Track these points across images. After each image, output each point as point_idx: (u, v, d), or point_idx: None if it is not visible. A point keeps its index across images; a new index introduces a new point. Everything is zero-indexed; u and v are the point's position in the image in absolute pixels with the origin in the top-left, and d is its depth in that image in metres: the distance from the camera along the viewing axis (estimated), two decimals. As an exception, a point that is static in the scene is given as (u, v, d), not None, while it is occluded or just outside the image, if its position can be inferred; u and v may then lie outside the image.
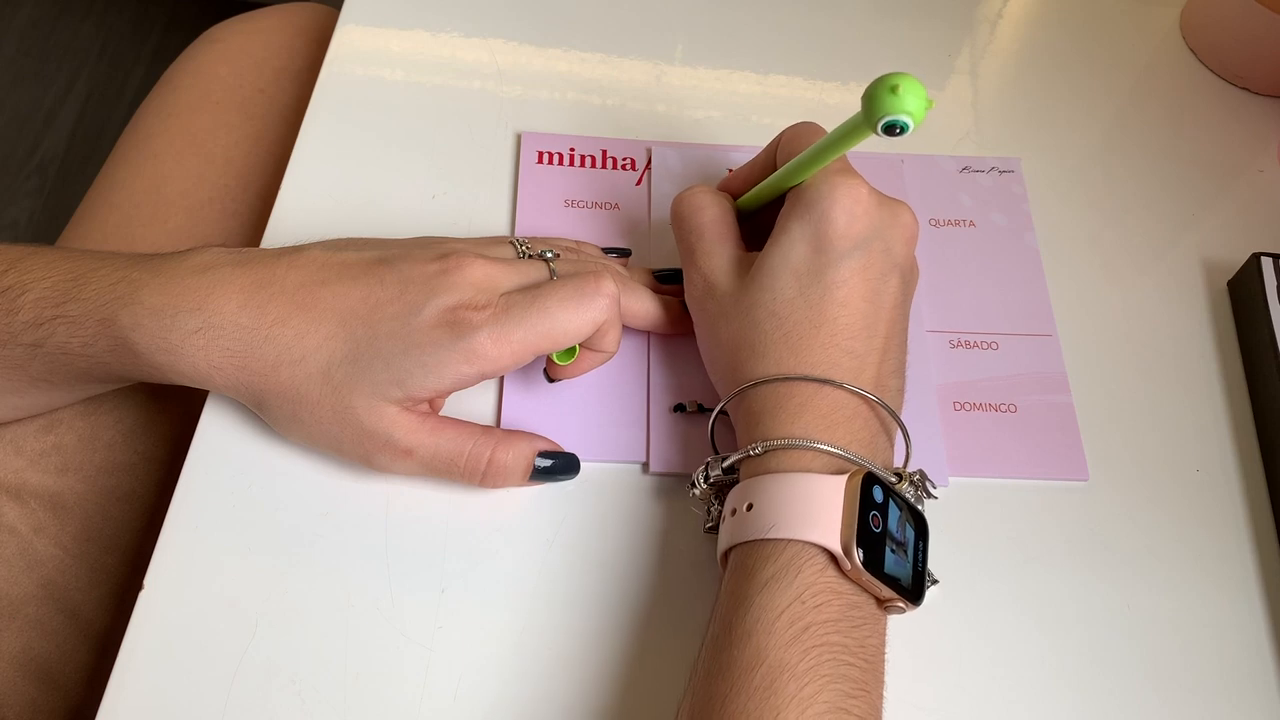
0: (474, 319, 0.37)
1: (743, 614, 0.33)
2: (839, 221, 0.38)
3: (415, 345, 0.37)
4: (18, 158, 1.34)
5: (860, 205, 0.38)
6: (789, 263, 0.38)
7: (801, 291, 0.38)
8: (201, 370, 0.38)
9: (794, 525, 0.34)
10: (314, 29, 0.63)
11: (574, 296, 0.39)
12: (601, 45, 0.56)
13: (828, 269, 0.38)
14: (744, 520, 0.35)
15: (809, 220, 0.38)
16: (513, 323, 0.38)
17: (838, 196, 0.38)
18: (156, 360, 0.38)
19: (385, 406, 0.38)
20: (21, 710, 0.44)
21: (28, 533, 0.46)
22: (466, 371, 0.38)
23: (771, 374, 0.37)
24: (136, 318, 0.37)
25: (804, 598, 0.33)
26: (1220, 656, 0.41)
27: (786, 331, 0.38)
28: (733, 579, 0.35)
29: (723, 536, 0.37)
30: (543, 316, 0.38)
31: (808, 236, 0.38)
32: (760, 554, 0.34)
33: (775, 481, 0.35)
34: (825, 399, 0.37)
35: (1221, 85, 0.58)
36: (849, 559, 0.33)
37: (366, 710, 0.37)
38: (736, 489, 0.37)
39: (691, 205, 0.42)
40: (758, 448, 0.36)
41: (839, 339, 0.38)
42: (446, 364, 0.37)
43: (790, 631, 0.32)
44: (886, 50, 0.57)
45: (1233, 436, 0.46)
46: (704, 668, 0.34)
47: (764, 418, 0.37)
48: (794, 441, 0.36)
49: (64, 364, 0.39)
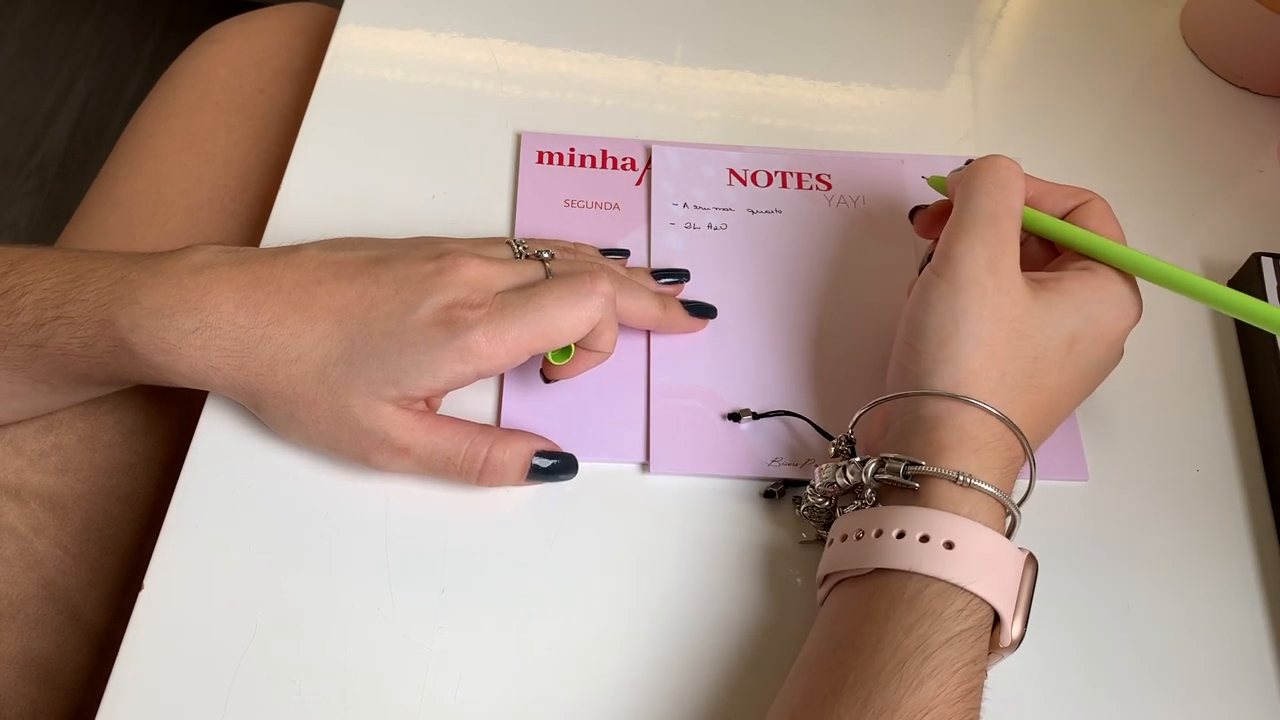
0: (469, 317, 0.37)
1: (922, 659, 0.32)
2: (1122, 326, 0.40)
3: (410, 344, 0.37)
4: (18, 158, 1.34)
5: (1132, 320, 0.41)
6: (1079, 329, 0.39)
7: (1062, 360, 0.39)
8: (199, 370, 0.38)
9: (995, 589, 0.34)
10: (314, 29, 0.63)
11: (569, 295, 0.39)
12: (601, 45, 0.56)
13: (1096, 363, 0.40)
14: (935, 554, 0.34)
15: (1124, 308, 0.40)
16: (508, 321, 0.38)
17: (1134, 311, 0.40)
18: (154, 360, 0.38)
19: (381, 405, 0.38)
20: (21, 710, 0.44)
21: (28, 533, 0.46)
22: (462, 370, 0.38)
23: (998, 407, 0.37)
24: (134, 318, 0.37)
25: (977, 660, 0.33)
26: (1220, 656, 0.41)
27: (1030, 381, 0.38)
28: (906, 611, 0.34)
29: (886, 552, 0.35)
30: (538, 315, 0.38)
31: (1111, 318, 0.39)
32: (952, 601, 0.33)
33: (978, 532, 0.34)
34: (1012, 449, 0.37)
35: (1221, 85, 0.58)
36: (1015, 642, 0.34)
37: (366, 710, 0.37)
38: (912, 510, 0.35)
39: (1013, 182, 0.40)
40: (967, 479, 0.35)
41: (1055, 415, 0.39)
42: (441, 362, 0.37)
43: (960, 690, 0.32)
44: (886, 50, 0.57)
45: (1233, 436, 0.46)
46: (853, 691, 0.33)
47: (952, 437, 0.37)
48: (999, 494, 0.36)
49: (64, 365, 0.39)
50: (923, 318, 0.39)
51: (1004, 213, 0.39)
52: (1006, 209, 0.39)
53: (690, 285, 0.47)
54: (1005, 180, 0.39)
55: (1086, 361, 0.39)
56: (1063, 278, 0.40)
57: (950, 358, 0.38)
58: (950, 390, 0.37)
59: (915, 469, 0.36)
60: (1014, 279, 0.38)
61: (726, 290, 0.47)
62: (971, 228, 0.39)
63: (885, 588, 0.34)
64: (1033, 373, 0.38)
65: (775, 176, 0.51)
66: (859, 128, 0.54)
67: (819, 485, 0.39)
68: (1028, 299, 0.38)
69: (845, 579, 0.36)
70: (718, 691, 0.38)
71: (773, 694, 0.36)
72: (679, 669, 0.39)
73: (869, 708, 0.32)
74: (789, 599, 0.40)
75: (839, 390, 0.45)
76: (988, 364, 0.37)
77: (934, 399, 0.37)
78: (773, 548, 0.41)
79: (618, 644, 0.39)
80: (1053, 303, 0.38)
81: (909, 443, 0.37)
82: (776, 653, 0.39)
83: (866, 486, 0.38)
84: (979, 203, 0.39)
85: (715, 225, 0.49)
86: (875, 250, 0.49)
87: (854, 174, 0.51)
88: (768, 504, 0.42)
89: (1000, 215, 0.39)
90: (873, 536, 0.35)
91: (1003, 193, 0.39)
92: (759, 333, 0.46)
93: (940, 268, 0.39)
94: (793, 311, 0.47)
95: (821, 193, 0.51)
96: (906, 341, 0.39)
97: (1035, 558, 0.36)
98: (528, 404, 0.44)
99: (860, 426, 0.41)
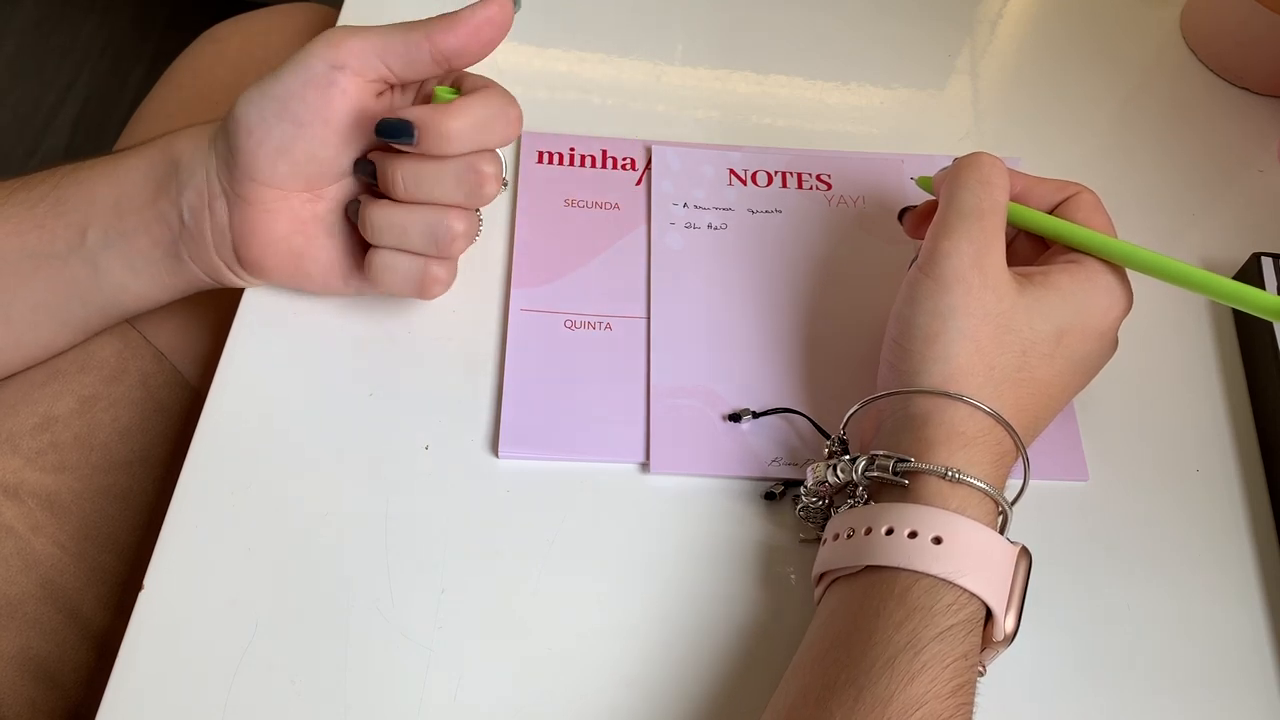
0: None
1: (912, 654, 0.32)
2: (1111, 317, 0.40)
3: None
4: (18, 158, 1.34)
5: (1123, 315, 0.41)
6: (1066, 321, 0.39)
7: (1051, 353, 0.39)
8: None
9: (984, 583, 0.34)
10: (314, 29, 0.63)
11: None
12: (601, 45, 0.56)
13: (1088, 356, 0.40)
14: (923, 549, 0.34)
15: (1112, 299, 0.40)
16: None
17: (1123, 301, 0.40)
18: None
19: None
20: (21, 710, 0.44)
21: (25, 532, 0.46)
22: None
23: (986, 403, 0.37)
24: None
25: (968, 655, 0.33)
26: (1220, 656, 0.41)
27: (1019, 375, 0.38)
28: (896, 606, 0.34)
29: (876, 549, 0.35)
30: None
31: (1100, 310, 0.39)
32: (941, 596, 0.33)
33: (966, 526, 0.34)
34: (1002, 444, 0.37)
35: (1221, 85, 0.58)
36: (1009, 636, 0.34)
37: (366, 710, 0.37)
38: (901, 507, 0.35)
39: (997, 178, 0.40)
40: (955, 474, 0.35)
41: (1048, 409, 0.39)
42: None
43: (951, 685, 0.32)
44: (886, 50, 0.57)
45: (1233, 436, 0.46)
46: (845, 688, 0.33)
47: (941, 433, 0.37)
48: (989, 488, 0.36)
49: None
50: (910, 316, 0.39)
51: (988, 209, 0.39)
52: (990, 205, 0.39)
53: (691, 285, 0.47)
54: (988, 176, 0.40)
55: (1076, 354, 0.39)
56: (1050, 271, 0.40)
57: (938, 355, 0.38)
58: (939, 387, 0.37)
59: (904, 466, 0.36)
60: (1000, 274, 0.38)
61: (726, 290, 0.47)
62: (956, 225, 0.39)
63: (876, 585, 0.35)
64: (1021, 367, 0.38)
65: (775, 176, 0.51)
66: (859, 128, 0.54)
67: (811, 485, 0.40)
68: (1014, 294, 0.38)
69: (839, 578, 0.36)
70: (717, 691, 0.38)
71: (771, 693, 0.36)
72: (679, 668, 0.39)
73: (860, 704, 0.32)
74: (788, 599, 0.40)
75: (839, 390, 0.45)
76: (976, 360, 0.37)
77: (923, 396, 0.38)
78: (772, 547, 0.41)
79: (618, 644, 0.39)
80: (1040, 296, 0.39)
81: (899, 440, 0.37)
82: (776, 652, 0.39)
83: (858, 485, 0.38)
84: (963, 200, 0.39)
85: (715, 225, 0.49)
86: (875, 250, 0.49)
87: (854, 174, 0.51)
88: (767, 504, 0.42)
89: (984, 211, 0.39)
90: (863, 534, 0.35)
91: (986, 189, 0.39)
92: (759, 332, 0.46)
93: (926, 265, 0.39)
94: (792, 311, 0.47)
95: (821, 193, 0.51)
96: (895, 340, 0.40)
97: (1029, 551, 0.36)
98: (527, 404, 0.43)
99: (853, 426, 0.41)
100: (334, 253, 0.43)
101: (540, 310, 0.46)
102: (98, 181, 0.42)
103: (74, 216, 0.42)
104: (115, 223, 0.42)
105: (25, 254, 0.42)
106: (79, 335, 0.46)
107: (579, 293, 0.47)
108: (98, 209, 0.42)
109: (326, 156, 0.41)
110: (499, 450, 0.42)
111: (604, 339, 0.46)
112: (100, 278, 0.42)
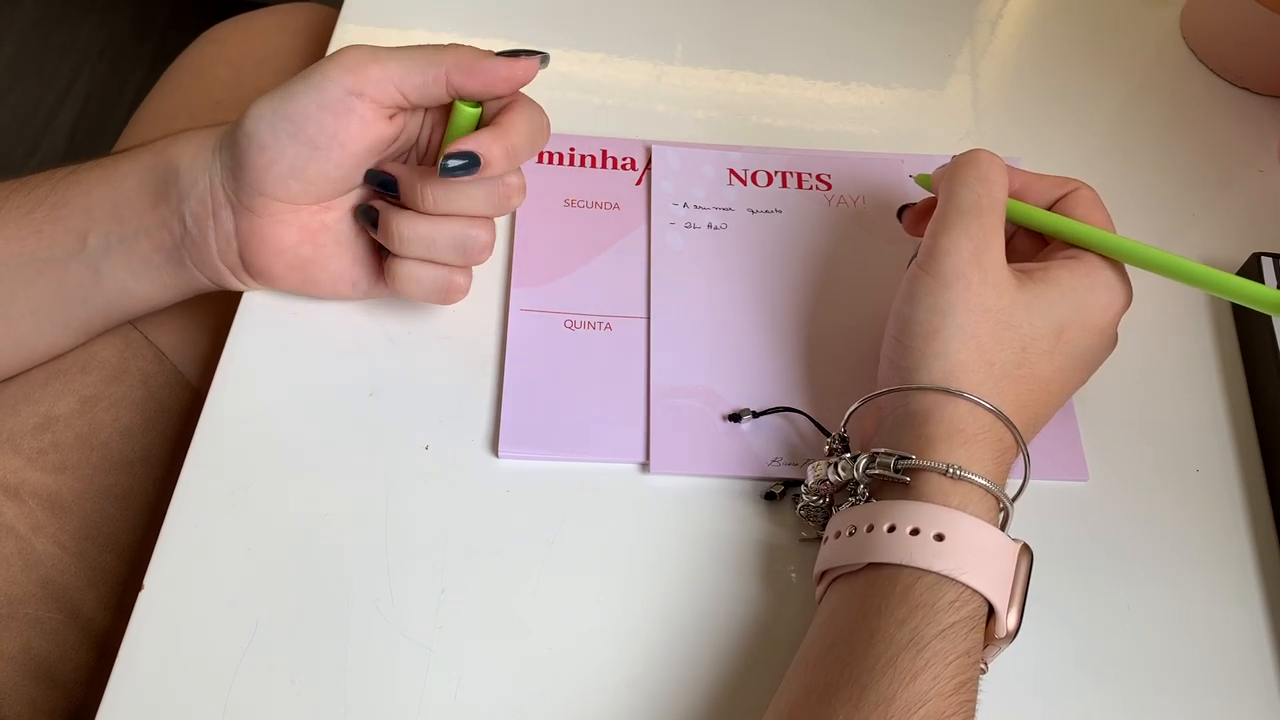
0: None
1: (915, 652, 0.32)
2: (1111, 313, 0.40)
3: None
4: (18, 157, 1.34)
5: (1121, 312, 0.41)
6: (1066, 317, 0.39)
7: (1051, 349, 0.39)
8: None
9: (986, 580, 0.34)
10: (314, 29, 0.63)
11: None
12: (601, 45, 0.56)
13: (1088, 351, 0.40)
14: (925, 546, 0.34)
15: (1112, 294, 0.40)
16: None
17: (1123, 296, 0.40)
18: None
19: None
20: (21, 710, 0.44)
21: (26, 532, 0.46)
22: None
23: (987, 399, 0.37)
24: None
25: (971, 652, 0.33)
26: (1220, 656, 0.41)
27: (1019, 371, 0.38)
28: (898, 604, 0.34)
29: (878, 547, 0.35)
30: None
31: (1099, 305, 0.39)
32: (943, 594, 0.33)
33: (968, 523, 0.34)
34: (1003, 441, 0.37)
35: (1221, 85, 0.58)
36: (1011, 633, 0.34)
37: (366, 710, 0.37)
38: (902, 504, 0.35)
39: (995, 175, 0.40)
40: (957, 471, 0.35)
41: (1048, 405, 0.39)
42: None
43: (954, 683, 0.32)
44: (886, 50, 0.57)
45: (1233, 436, 0.46)
46: (848, 686, 0.33)
47: (942, 430, 0.37)
48: (990, 485, 0.36)
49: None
50: (910, 313, 0.39)
51: (986, 206, 0.39)
52: (989, 202, 0.39)
53: (691, 285, 0.47)
54: (986, 173, 0.40)
55: (1076, 349, 0.39)
56: (1049, 267, 0.40)
57: (938, 352, 0.38)
58: (939, 384, 0.37)
59: (905, 463, 0.36)
60: (999, 270, 0.38)
61: (726, 290, 0.47)
62: (955, 222, 0.39)
63: (878, 582, 0.35)
64: (1021, 363, 0.38)
65: (775, 176, 0.51)
66: (859, 128, 0.54)
67: (812, 483, 0.40)
68: (1013, 290, 0.38)
69: (841, 576, 0.36)
70: (718, 691, 0.38)
71: (773, 693, 0.36)
72: (679, 668, 0.39)
73: (863, 702, 0.32)
74: (789, 598, 0.40)
75: (839, 389, 0.45)
76: (975, 356, 0.37)
77: (923, 393, 0.38)
78: (773, 547, 0.41)
79: (618, 644, 0.39)
80: (1039, 292, 0.39)
81: (900, 437, 0.38)
82: (777, 651, 0.39)
83: (859, 482, 0.38)
84: (962, 197, 0.39)
85: (715, 225, 0.49)
86: (875, 250, 0.49)
87: (854, 174, 0.51)
88: (768, 504, 0.42)
89: (983, 208, 0.39)
90: (865, 532, 0.35)
91: (984, 186, 0.39)
92: (759, 332, 0.46)
93: (925, 263, 0.39)
94: (792, 311, 0.47)
95: (821, 193, 0.51)
96: (895, 337, 0.40)
97: (1030, 548, 0.36)
98: (527, 404, 0.43)
99: (853, 424, 0.41)
100: (343, 260, 0.43)
101: (540, 310, 0.46)
102: (95, 186, 0.42)
103: (73, 222, 0.42)
104: (115, 227, 0.41)
105: (25, 259, 0.42)
106: (81, 337, 0.46)
107: (579, 293, 0.47)
108: (96, 214, 0.42)
109: (340, 176, 0.41)
110: (499, 450, 0.42)
111: (604, 339, 0.46)
112: (102, 282, 0.42)
